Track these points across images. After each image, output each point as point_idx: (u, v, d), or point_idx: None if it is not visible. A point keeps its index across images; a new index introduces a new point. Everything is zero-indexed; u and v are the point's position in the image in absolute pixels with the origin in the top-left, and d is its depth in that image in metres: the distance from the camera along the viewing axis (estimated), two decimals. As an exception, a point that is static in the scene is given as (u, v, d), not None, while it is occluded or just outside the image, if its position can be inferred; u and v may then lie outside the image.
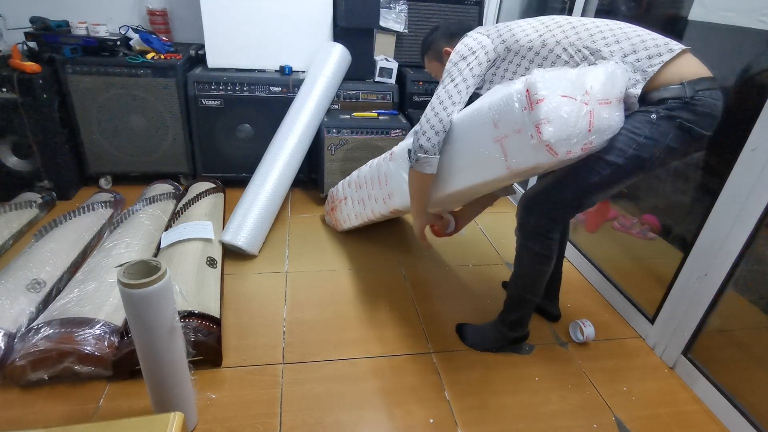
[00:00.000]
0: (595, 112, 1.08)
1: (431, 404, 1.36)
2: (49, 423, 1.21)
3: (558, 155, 1.08)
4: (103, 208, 2.07)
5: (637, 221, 1.95)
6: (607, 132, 1.14)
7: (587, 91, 1.08)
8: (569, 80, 1.08)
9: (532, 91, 1.06)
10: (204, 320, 1.41)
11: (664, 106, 1.13)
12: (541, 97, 1.05)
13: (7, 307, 1.38)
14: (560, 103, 1.05)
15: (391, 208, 1.74)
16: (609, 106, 1.12)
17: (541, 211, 1.33)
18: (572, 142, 1.07)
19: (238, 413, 1.28)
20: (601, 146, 1.17)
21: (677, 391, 1.47)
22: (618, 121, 1.16)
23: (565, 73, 1.10)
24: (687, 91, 1.11)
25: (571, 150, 1.08)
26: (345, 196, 2.08)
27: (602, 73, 1.11)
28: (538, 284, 1.43)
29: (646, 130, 1.15)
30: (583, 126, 1.07)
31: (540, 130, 1.05)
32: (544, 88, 1.06)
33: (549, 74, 1.08)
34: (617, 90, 1.13)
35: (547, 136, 1.05)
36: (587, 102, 1.07)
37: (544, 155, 1.09)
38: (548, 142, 1.05)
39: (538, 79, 1.07)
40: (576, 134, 1.07)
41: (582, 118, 1.06)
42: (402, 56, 2.66)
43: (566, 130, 1.06)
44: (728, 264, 1.35)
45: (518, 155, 1.15)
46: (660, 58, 1.13)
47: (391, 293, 1.83)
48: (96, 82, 2.18)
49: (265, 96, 2.35)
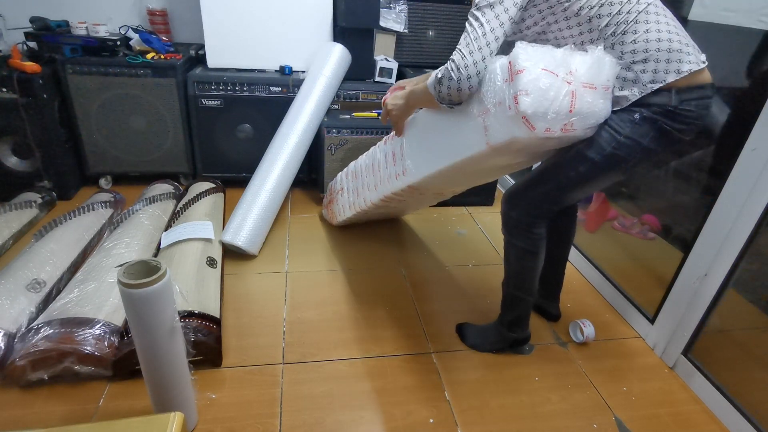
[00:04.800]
0: (577, 93, 1.07)
1: (431, 404, 1.36)
2: (49, 423, 1.21)
3: (535, 129, 1.06)
4: (103, 208, 2.07)
5: (637, 221, 1.95)
6: (590, 118, 1.12)
7: (571, 71, 1.07)
8: (553, 57, 1.08)
9: (514, 62, 1.06)
10: (204, 320, 1.41)
11: (648, 109, 1.12)
12: (521, 68, 1.05)
13: (7, 307, 1.38)
14: (540, 75, 1.05)
15: (405, 184, 1.62)
16: (594, 91, 1.11)
17: (521, 206, 1.34)
18: (549, 117, 1.06)
19: (238, 413, 1.28)
20: (584, 134, 1.16)
21: (677, 391, 1.47)
22: (603, 109, 1.14)
23: (550, 50, 1.10)
24: (673, 100, 1.10)
25: (549, 127, 1.07)
26: (342, 187, 2.08)
27: (589, 58, 1.11)
28: (528, 282, 1.43)
29: (627, 129, 1.14)
30: (564, 105, 1.06)
31: (518, 100, 1.05)
32: (527, 60, 1.05)
33: (533, 48, 1.08)
34: (603, 77, 1.12)
35: (524, 106, 1.04)
36: (570, 81, 1.06)
37: (521, 127, 1.08)
38: (525, 113, 1.05)
39: (521, 51, 1.07)
40: (555, 110, 1.06)
41: (563, 96, 1.06)
42: (402, 56, 2.66)
43: (544, 103, 1.05)
44: (728, 264, 1.35)
45: (497, 129, 1.15)
46: (665, 76, 1.09)
47: (391, 293, 1.83)
48: (96, 82, 2.18)
49: (265, 96, 2.35)
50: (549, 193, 1.30)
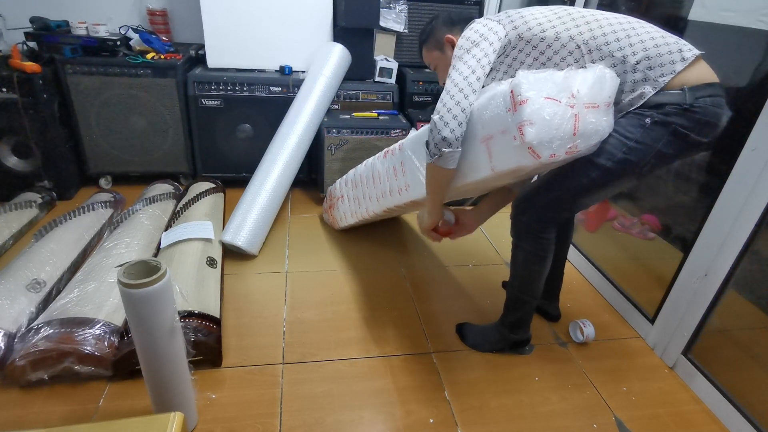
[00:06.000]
0: (580, 115, 1.07)
1: (431, 404, 1.36)
2: (49, 423, 1.21)
3: (541, 158, 1.07)
4: (103, 208, 2.07)
5: (637, 221, 1.95)
6: (594, 137, 1.13)
7: (573, 94, 1.07)
8: (555, 82, 1.07)
9: (516, 92, 1.06)
10: (204, 320, 1.41)
11: (661, 111, 1.10)
12: (524, 99, 1.05)
13: (7, 307, 1.38)
14: (544, 104, 1.05)
15: (408, 199, 1.65)
16: (596, 110, 1.10)
17: (532, 211, 1.33)
18: (555, 145, 1.06)
19: (238, 413, 1.28)
20: (589, 151, 1.16)
21: (677, 391, 1.47)
22: (606, 126, 1.14)
23: (551, 75, 1.09)
24: (687, 98, 1.08)
25: (554, 153, 1.07)
26: (342, 195, 2.08)
27: (590, 76, 1.10)
28: (534, 285, 1.43)
29: (637, 135, 1.13)
30: (568, 129, 1.06)
31: (522, 131, 1.05)
32: (529, 89, 1.05)
33: (534, 76, 1.07)
34: (605, 94, 1.12)
35: (529, 137, 1.04)
36: (573, 105, 1.07)
37: (526, 157, 1.08)
38: (530, 144, 1.05)
39: (523, 80, 1.06)
40: (559, 137, 1.06)
41: (566, 121, 1.06)
42: (402, 56, 2.66)
43: (549, 132, 1.05)
44: (728, 264, 1.35)
45: (502, 156, 1.15)
46: (672, 66, 1.09)
47: (391, 293, 1.83)
48: (96, 82, 2.18)
49: (265, 96, 2.35)
50: (560, 199, 1.29)
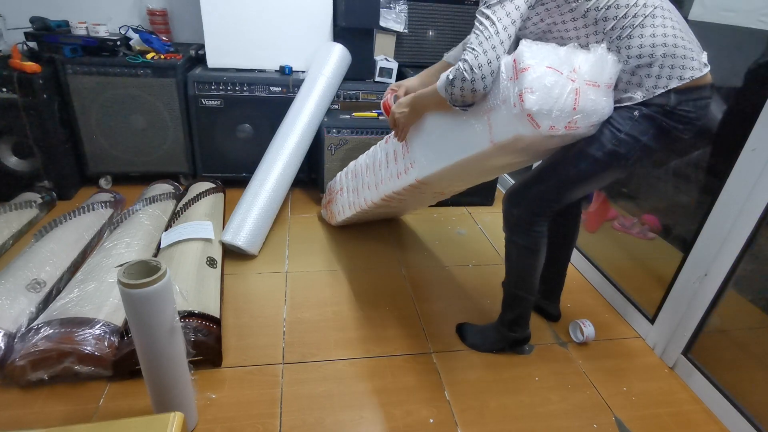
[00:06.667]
0: (581, 90, 1.08)
1: (431, 404, 1.36)
2: (49, 423, 1.21)
3: (540, 128, 1.07)
4: (103, 208, 2.07)
5: (637, 221, 1.95)
6: (594, 116, 1.13)
7: (575, 69, 1.08)
8: (557, 55, 1.08)
9: (519, 60, 1.07)
10: (204, 320, 1.41)
11: (647, 108, 1.12)
12: (526, 66, 1.05)
13: (7, 307, 1.38)
14: (545, 73, 1.05)
15: (407, 182, 1.61)
16: (597, 89, 1.11)
17: (522, 204, 1.34)
18: (554, 115, 1.06)
19: (238, 413, 1.28)
20: (587, 131, 1.16)
21: (677, 390, 1.47)
22: (606, 107, 1.14)
23: (554, 48, 1.10)
24: (671, 101, 1.10)
25: (553, 125, 1.07)
26: (342, 187, 2.08)
27: (592, 56, 1.11)
28: (529, 280, 1.43)
29: (627, 127, 1.14)
30: (569, 102, 1.07)
31: (523, 98, 1.05)
32: (531, 57, 1.06)
33: (537, 46, 1.08)
34: (606, 75, 1.12)
35: (529, 104, 1.04)
36: (574, 79, 1.07)
37: (525, 125, 1.08)
38: (530, 111, 1.05)
39: (525, 49, 1.07)
40: (559, 108, 1.06)
41: (567, 93, 1.06)
42: (402, 56, 2.66)
43: (549, 101, 1.05)
44: (728, 264, 1.35)
45: (501, 127, 1.15)
46: (668, 82, 1.10)
47: (391, 293, 1.83)
48: (96, 82, 2.18)
49: (265, 96, 2.35)
50: (550, 190, 1.30)
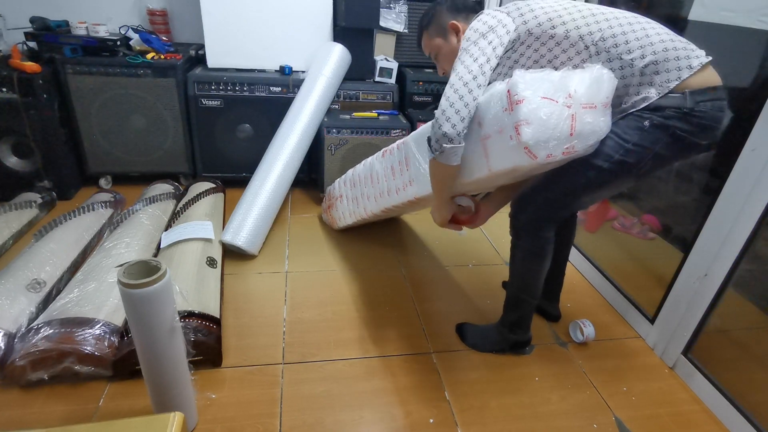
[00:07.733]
0: (577, 115, 1.07)
1: (431, 404, 1.36)
2: (49, 423, 1.21)
3: (537, 158, 1.06)
4: (103, 208, 2.07)
5: (637, 221, 1.95)
6: (591, 137, 1.12)
7: (570, 94, 1.07)
8: (552, 82, 1.07)
9: (513, 92, 1.06)
10: (204, 320, 1.41)
11: (660, 114, 1.10)
12: (521, 98, 1.05)
13: (7, 307, 1.38)
14: (540, 104, 1.04)
15: (407, 198, 1.63)
16: (593, 110, 1.10)
17: (530, 210, 1.33)
18: (551, 145, 1.06)
19: (238, 413, 1.28)
20: (586, 151, 1.16)
21: (677, 390, 1.47)
22: (603, 126, 1.14)
23: (548, 74, 1.09)
24: (688, 102, 1.08)
25: (551, 153, 1.07)
26: (341, 194, 2.08)
27: (588, 77, 1.10)
28: (533, 284, 1.42)
29: (635, 137, 1.13)
30: (565, 129, 1.06)
31: (519, 131, 1.05)
32: (525, 88, 1.05)
33: (531, 75, 1.07)
34: (603, 95, 1.12)
35: (525, 137, 1.04)
36: (570, 105, 1.06)
37: (522, 157, 1.08)
38: (527, 143, 1.05)
39: (519, 79, 1.06)
40: (556, 137, 1.06)
41: (563, 121, 1.05)
42: (402, 56, 2.66)
43: (545, 132, 1.05)
44: (728, 264, 1.35)
45: (498, 156, 1.15)
46: (678, 73, 1.09)
47: (391, 293, 1.83)
48: (96, 82, 2.18)
49: (265, 96, 2.35)
50: (558, 198, 1.29)
